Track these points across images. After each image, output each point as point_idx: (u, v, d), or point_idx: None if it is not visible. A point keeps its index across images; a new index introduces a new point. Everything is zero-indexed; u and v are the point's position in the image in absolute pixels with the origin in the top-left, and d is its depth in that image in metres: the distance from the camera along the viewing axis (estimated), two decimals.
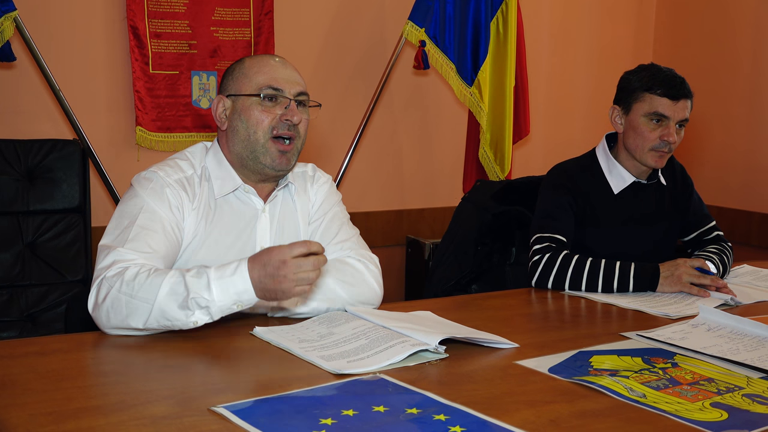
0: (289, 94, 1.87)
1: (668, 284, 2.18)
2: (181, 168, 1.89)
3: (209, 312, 1.58)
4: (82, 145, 3.09)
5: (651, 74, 2.32)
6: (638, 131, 2.32)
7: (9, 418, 1.22)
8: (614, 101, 2.42)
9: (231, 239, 1.88)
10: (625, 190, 2.40)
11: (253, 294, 1.58)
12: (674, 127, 2.29)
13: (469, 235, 2.68)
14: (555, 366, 1.55)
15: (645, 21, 4.70)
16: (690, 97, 2.32)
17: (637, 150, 2.34)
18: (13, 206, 2.91)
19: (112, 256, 1.68)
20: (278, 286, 1.56)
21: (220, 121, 1.93)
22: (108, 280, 1.63)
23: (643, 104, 2.31)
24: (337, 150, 3.74)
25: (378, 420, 1.24)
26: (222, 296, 1.57)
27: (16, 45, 3.01)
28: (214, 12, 3.46)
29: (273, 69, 1.89)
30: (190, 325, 1.60)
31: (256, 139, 1.86)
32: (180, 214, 1.83)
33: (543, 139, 4.39)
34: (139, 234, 1.73)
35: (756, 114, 4.14)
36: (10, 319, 2.85)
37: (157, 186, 1.82)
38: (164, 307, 1.58)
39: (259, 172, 1.90)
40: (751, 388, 1.47)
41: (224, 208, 1.90)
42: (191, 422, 1.22)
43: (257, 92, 1.86)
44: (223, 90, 1.94)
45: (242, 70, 1.91)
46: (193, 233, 1.85)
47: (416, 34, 3.50)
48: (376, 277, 1.94)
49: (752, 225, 4.11)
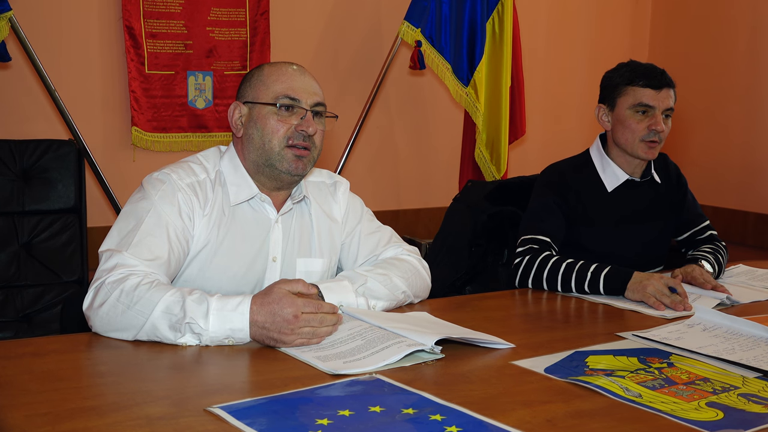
0: (305, 105, 1.84)
1: (633, 290, 2.11)
2: (194, 171, 1.86)
3: (200, 339, 1.58)
4: (77, 146, 3.08)
5: (631, 69, 2.37)
6: (626, 124, 2.35)
7: (5, 418, 1.22)
8: (599, 101, 2.45)
9: (244, 248, 1.86)
10: (618, 188, 2.41)
11: (248, 334, 1.57)
12: (660, 116, 2.32)
13: (463, 236, 2.68)
14: (551, 366, 1.55)
15: (640, 21, 4.71)
16: (672, 87, 2.35)
17: (628, 143, 2.35)
18: (9, 206, 2.91)
19: (115, 259, 1.66)
20: (281, 337, 1.56)
21: (235, 128, 1.89)
22: (108, 286, 1.61)
23: (627, 97, 2.34)
24: (333, 150, 3.74)
25: (374, 420, 1.24)
26: (217, 329, 1.56)
27: (12, 45, 3.01)
28: (209, 12, 3.46)
29: (291, 78, 1.86)
30: (178, 344, 1.59)
31: (271, 148, 1.83)
32: (190, 221, 1.80)
33: (539, 139, 4.39)
34: (143, 239, 1.71)
35: (752, 114, 4.15)
36: (5, 319, 2.85)
37: (169, 189, 1.79)
38: (157, 324, 1.57)
39: (276, 178, 1.88)
40: (747, 388, 1.47)
41: (237, 216, 1.87)
42: (187, 423, 1.22)
43: (274, 101, 1.83)
44: (240, 96, 1.90)
45: (260, 78, 1.87)
46: (205, 240, 1.83)
47: (412, 34, 3.50)
48: (427, 269, 2.06)
49: (748, 225, 4.12)
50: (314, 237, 1.96)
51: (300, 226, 1.95)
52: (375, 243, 2.05)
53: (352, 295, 1.83)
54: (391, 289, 1.90)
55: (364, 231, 2.06)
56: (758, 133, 4.13)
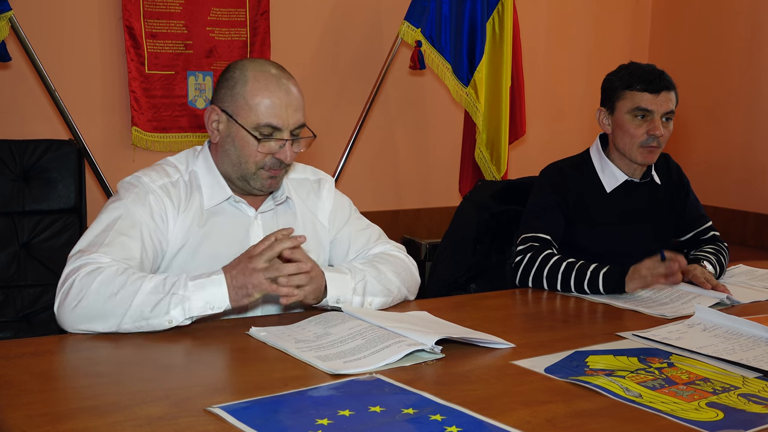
0: (286, 134, 1.81)
1: (631, 281, 2.13)
2: (167, 173, 1.87)
3: (184, 309, 1.61)
4: (77, 146, 3.08)
5: (630, 72, 2.36)
6: (625, 129, 2.34)
7: (4, 419, 1.22)
8: (600, 103, 2.45)
9: (224, 246, 1.86)
10: (617, 189, 2.42)
11: (227, 296, 1.64)
12: (659, 120, 2.32)
13: (468, 234, 2.70)
14: (551, 366, 1.55)
15: (641, 21, 4.71)
16: (672, 89, 2.34)
17: (626, 148, 2.36)
18: (9, 206, 2.91)
19: (83, 260, 1.66)
20: (249, 279, 1.64)
21: (211, 132, 1.86)
22: (82, 280, 1.61)
23: (625, 102, 2.34)
24: (333, 150, 3.74)
25: (374, 420, 1.24)
26: (197, 294, 1.62)
27: (12, 45, 3.01)
28: (210, 12, 3.46)
29: (274, 97, 1.79)
30: (165, 325, 1.62)
31: (247, 168, 1.83)
32: (163, 222, 1.81)
33: (539, 139, 4.39)
34: (115, 239, 1.72)
35: (752, 114, 4.15)
36: (5, 319, 2.85)
37: (141, 192, 1.81)
38: (143, 306, 1.60)
39: (248, 191, 1.90)
40: (747, 388, 1.47)
41: (216, 214, 1.88)
42: (187, 423, 1.22)
43: (255, 130, 1.79)
44: (218, 100, 1.85)
45: (243, 92, 1.80)
46: (183, 240, 1.83)
47: (412, 34, 3.50)
48: (415, 265, 2.08)
49: (748, 225, 4.12)
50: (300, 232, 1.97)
51: (284, 224, 1.95)
52: (365, 240, 2.07)
53: (350, 292, 1.84)
54: (386, 285, 1.91)
55: (353, 228, 2.07)
56: (759, 133, 4.13)
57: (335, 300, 1.82)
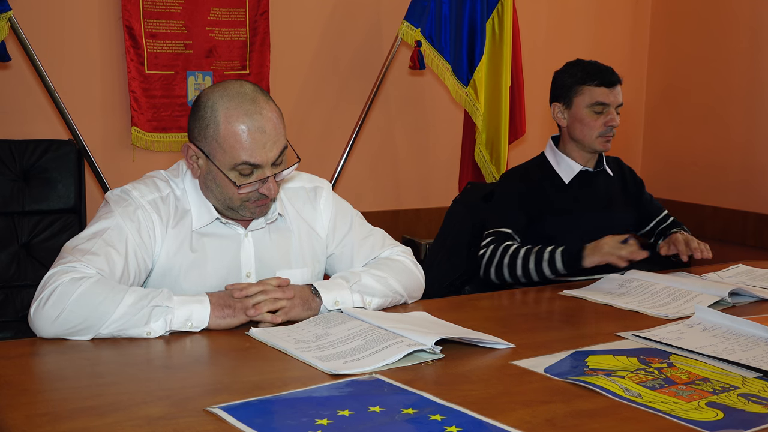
0: (267, 169, 1.74)
1: (590, 255, 2.27)
2: (157, 187, 1.85)
3: (166, 321, 1.64)
4: (77, 146, 3.08)
5: (582, 68, 2.54)
6: (584, 122, 2.51)
7: (4, 419, 1.22)
8: (552, 99, 2.60)
9: (214, 265, 1.85)
10: (574, 179, 2.58)
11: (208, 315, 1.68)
12: (614, 111, 2.51)
13: (462, 237, 2.75)
14: (551, 366, 1.55)
15: (641, 21, 4.71)
16: (620, 83, 2.53)
17: (586, 138, 2.53)
18: (9, 206, 2.91)
19: (68, 266, 1.66)
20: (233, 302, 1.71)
21: (191, 167, 1.81)
22: (62, 288, 1.60)
23: (583, 97, 2.51)
24: (332, 150, 3.74)
25: (374, 420, 1.24)
26: (181, 308, 1.66)
27: (11, 45, 3.00)
28: (209, 12, 3.45)
29: (251, 141, 1.70)
30: (143, 335, 1.63)
31: (232, 203, 1.80)
32: (150, 238, 1.79)
33: (538, 139, 4.39)
34: (101, 249, 1.71)
35: (752, 114, 4.14)
36: (5, 319, 2.85)
37: (130, 207, 1.79)
38: (125, 317, 1.61)
39: (238, 218, 1.87)
40: (747, 388, 1.47)
41: (206, 233, 1.86)
42: (187, 423, 1.22)
43: (233, 170, 1.73)
44: (193, 138, 1.77)
45: (216, 136, 1.72)
46: (171, 260, 1.81)
47: (412, 34, 3.50)
48: (420, 269, 2.06)
49: (748, 225, 4.12)
50: (294, 247, 1.94)
51: (278, 238, 1.92)
52: (370, 248, 2.04)
53: (347, 291, 1.84)
54: (386, 286, 1.91)
55: (357, 237, 2.04)
56: (759, 132, 4.12)
57: (333, 302, 1.82)
